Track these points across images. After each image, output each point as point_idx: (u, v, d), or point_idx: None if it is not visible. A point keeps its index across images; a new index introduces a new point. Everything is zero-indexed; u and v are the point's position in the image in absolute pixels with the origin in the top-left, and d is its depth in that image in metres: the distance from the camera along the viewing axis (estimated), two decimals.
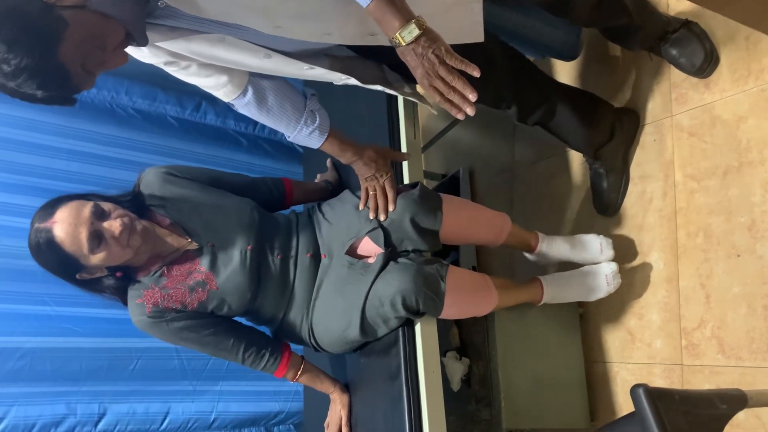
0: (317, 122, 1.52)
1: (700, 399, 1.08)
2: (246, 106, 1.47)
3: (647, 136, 1.86)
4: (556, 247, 1.82)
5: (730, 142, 1.66)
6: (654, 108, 1.85)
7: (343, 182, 1.94)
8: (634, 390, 1.00)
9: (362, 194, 1.60)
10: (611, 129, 1.83)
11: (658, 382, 1.76)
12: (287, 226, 1.65)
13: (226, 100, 1.46)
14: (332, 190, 1.89)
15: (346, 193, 1.68)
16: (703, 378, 1.67)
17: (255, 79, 1.45)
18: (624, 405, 1.86)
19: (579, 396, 1.89)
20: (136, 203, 1.54)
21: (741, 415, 1.16)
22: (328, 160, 2.00)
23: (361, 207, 1.59)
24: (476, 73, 1.14)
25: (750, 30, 1.61)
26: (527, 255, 1.87)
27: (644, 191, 1.85)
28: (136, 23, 1.14)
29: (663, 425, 0.95)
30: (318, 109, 1.54)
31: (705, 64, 1.68)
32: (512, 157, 2.38)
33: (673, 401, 1.01)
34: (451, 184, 2.54)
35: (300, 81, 1.66)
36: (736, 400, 1.11)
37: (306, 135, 1.52)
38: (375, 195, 1.57)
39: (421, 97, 1.61)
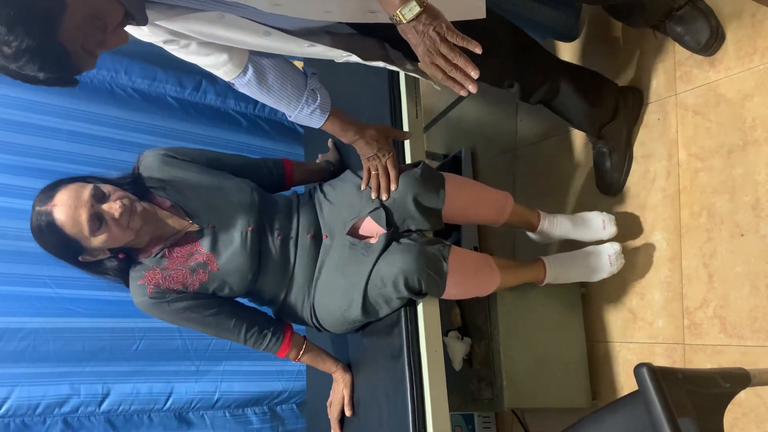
0: (318, 101, 1.50)
1: (703, 378, 1.08)
2: (247, 85, 1.45)
3: (651, 115, 1.84)
4: (558, 225, 1.81)
5: (735, 120, 1.64)
6: (658, 86, 1.83)
7: (345, 162, 1.93)
8: (637, 369, 0.99)
9: (364, 174, 1.58)
10: (615, 108, 1.81)
11: (660, 361, 1.77)
12: (288, 206, 1.64)
13: (226, 79, 1.44)
14: (333, 170, 1.88)
15: (348, 173, 1.68)
16: (705, 357, 1.67)
17: (255, 58, 1.43)
18: (626, 384, 1.86)
19: (580, 375, 1.89)
20: (136, 185, 1.54)
21: (743, 394, 1.16)
22: (330, 140, 1.98)
23: (363, 187, 1.58)
24: (478, 50, 1.13)
25: (757, 6, 1.59)
26: (530, 234, 1.86)
27: (647, 170, 1.84)
28: (135, 2, 1.13)
29: (666, 404, 0.95)
30: (319, 88, 1.52)
31: (710, 42, 1.66)
32: (515, 136, 2.37)
33: (676, 380, 1.00)
34: (453, 164, 2.52)
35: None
36: (739, 379, 1.11)
37: (307, 114, 1.51)
38: (377, 175, 1.56)
39: (423, 73, 1.59)
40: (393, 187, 1.54)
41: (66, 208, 1.39)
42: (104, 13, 1.08)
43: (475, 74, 1.13)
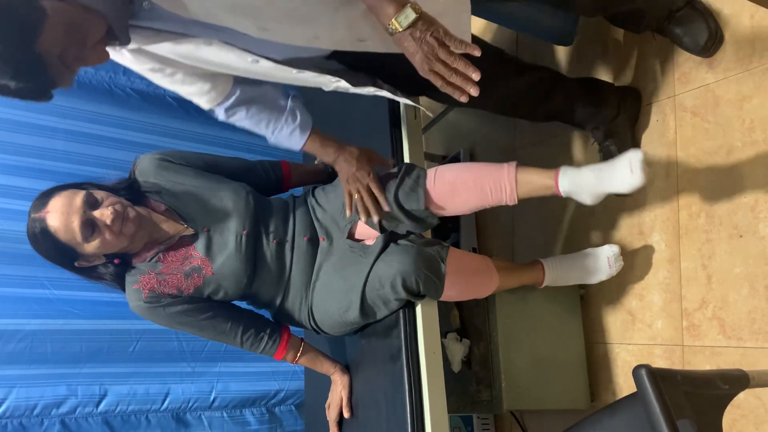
0: (298, 120, 1.49)
1: (702, 379, 1.07)
2: (226, 111, 1.45)
3: (650, 116, 1.84)
4: (580, 181, 1.62)
5: (734, 121, 1.64)
6: (657, 88, 1.83)
7: None
8: (636, 371, 0.99)
9: (345, 198, 1.54)
10: (618, 104, 1.81)
11: (659, 362, 1.76)
12: (284, 210, 1.63)
13: (207, 107, 1.44)
14: (331, 173, 1.87)
15: (338, 180, 1.67)
16: (703, 359, 1.66)
17: (238, 85, 1.43)
18: (624, 386, 1.86)
19: (579, 377, 1.89)
20: (131, 190, 1.54)
21: (741, 396, 1.16)
22: None
23: (348, 213, 1.53)
24: (477, 53, 1.12)
25: (755, 8, 1.59)
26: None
27: None
28: (118, 19, 1.12)
29: (665, 406, 0.95)
30: (299, 108, 1.51)
31: (709, 43, 1.66)
32: (514, 138, 2.37)
33: (675, 382, 1.00)
34: None
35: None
36: (738, 381, 1.11)
37: (287, 134, 1.50)
38: (360, 198, 1.52)
39: (417, 100, 1.58)
40: (385, 207, 1.50)
41: (59, 215, 1.39)
42: (85, 27, 1.07)
43: (476, 76, 1.12)
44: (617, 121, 1.81)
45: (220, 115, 1.46)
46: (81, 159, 2.04)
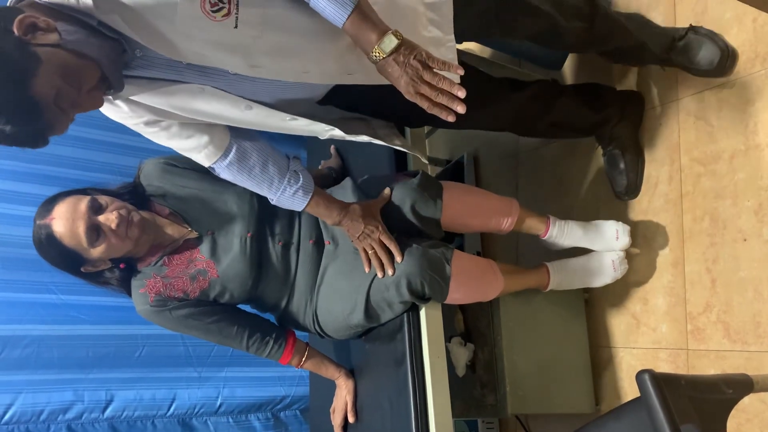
0: (301, 182, 1.48)
1: (706, 384, 1.08)
2: (228, 168, 1.43)
3: (653, 120, 1.84)
4: (568, 233, 1.77)
5: (737, 125, 1.64)
6: (660, 91, 1.83)
7: (347, 169, 1.93)
8: (639, 375, 1.00)
9: (362, 256, 1.52)
10: (620, 108, 1.81)
11: (664, 366, 1.76)
12: (289, 213, 1.64)
13: (207, 163, 1.42)
14: (335, 177, 1.88)
15: (347, 181, 1.68)
16: (708, 363, 1.66)
17: (236, 139, 1.42)
18: (629, 390, 1.86)
19: (584, 381, 1.89)
20: (135, 195, 1.55)
21: (746, 400, 1.15)
22: (332, 147, 1.99)
23: (366, 270, 1.50)
24: (460, 71, 1.14)
25: (757, 12, 1.59)
26: (541, 239, 1.83)
27: (650, 175, 1.84)
28: (111, 66, 1.13)
29: (669, 411, 0.95)
30: (301, 170, 1.50)
31: (723, 61, 1.63)
32: (517, 142, 2.37)
33: (679, 386, 1.00)
34: (455, 170, 2.53)
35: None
36: (742, 385, 1.11)
37: (290, 195, 1.48)
38: (375, 253, 1.49)
39: (412, 147, 1.59)
40: (398, 259, 1.47)
41: (64, 221, 1.40)
42: (79, 72, 1.08)
43: (461, 94, 1.12)
44: (620, 125, 1.81)
45: (222, 172, 1.44)
46: (87, 165, 2.05)
